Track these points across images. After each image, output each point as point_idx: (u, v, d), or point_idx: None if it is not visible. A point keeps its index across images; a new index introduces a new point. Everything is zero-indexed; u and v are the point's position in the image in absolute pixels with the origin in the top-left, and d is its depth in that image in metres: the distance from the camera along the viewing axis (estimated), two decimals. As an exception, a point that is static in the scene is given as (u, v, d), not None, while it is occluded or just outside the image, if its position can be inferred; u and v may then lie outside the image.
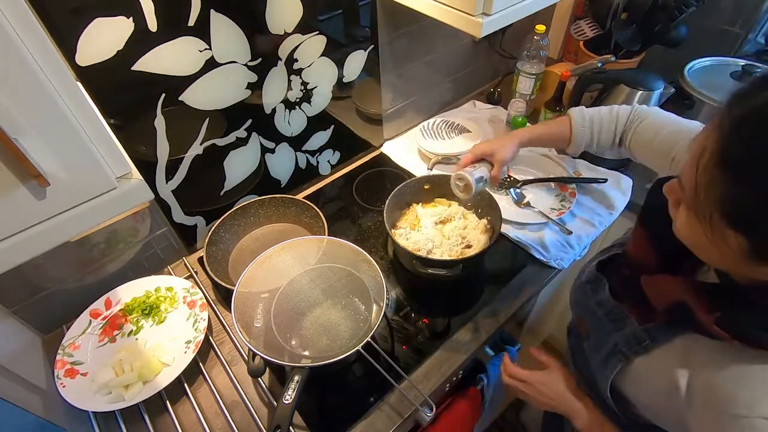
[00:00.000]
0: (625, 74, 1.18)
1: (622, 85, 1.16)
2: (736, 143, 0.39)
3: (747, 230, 0.39)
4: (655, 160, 0.80)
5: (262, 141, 1.03)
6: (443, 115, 1.39)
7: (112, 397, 0.78)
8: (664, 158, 0.76)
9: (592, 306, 0.67)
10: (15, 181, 0.43)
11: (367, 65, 1.11)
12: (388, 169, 1.28)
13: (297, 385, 0.69)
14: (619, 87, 1.17)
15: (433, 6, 0.79)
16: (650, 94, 1.15)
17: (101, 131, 0.47)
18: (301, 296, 0.87)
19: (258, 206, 1.07)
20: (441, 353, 0.88)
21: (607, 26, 1.33)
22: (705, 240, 0.44)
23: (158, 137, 0.85)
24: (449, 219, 1.04)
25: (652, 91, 1.14)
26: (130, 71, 0.74)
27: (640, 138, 0.82)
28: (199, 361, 0.86)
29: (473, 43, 1.37)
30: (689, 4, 1.19)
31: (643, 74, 1.16)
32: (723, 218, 0.40)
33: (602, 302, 0.65)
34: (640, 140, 0.82)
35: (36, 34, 0.39)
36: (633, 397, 0.61)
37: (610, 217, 1.10)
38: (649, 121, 0.81)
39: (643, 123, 0.82)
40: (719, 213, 0.40)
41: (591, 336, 0.67)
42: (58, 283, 0.88)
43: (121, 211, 0.53)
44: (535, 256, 1.02)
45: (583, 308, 0.70)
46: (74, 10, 0.65)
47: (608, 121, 0.86)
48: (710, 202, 0.41)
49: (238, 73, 0.89)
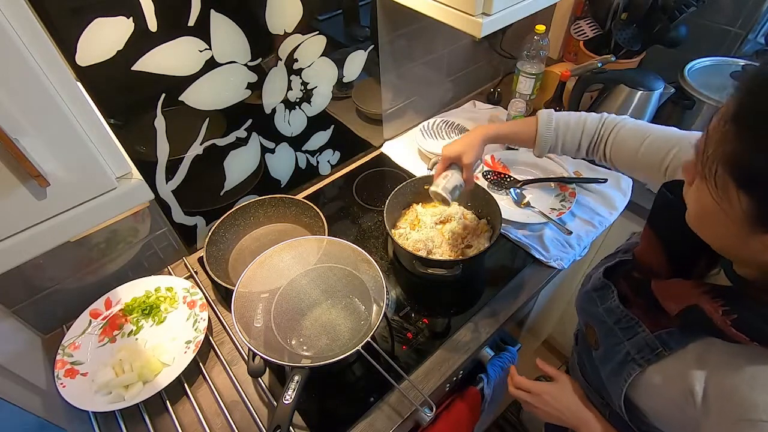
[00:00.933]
0: (625, 74, 1.18)
1: (622, 85, 1.16)
2: (748, 100, 0.40)
3: (751, 188, 0.40)
4: (642, 172, 0.78)
5: (262, 141, 1.03)
6: (443, 115, 1.39)
7: (112, 397, 0.78)
8: (652, 169, 0.74)
9: (601, 314, 0.66)
10: (15, 181, 0.43)
11: (367, 65, 1.11)
12: (388, 169, 1.28)
13: (297, 385, 0.69)
14: (619, 87, 1.17)
15: (433, 6, 0.79)
16: (650, 94, 1.15)
17: (101, 131, 0.47)
18: (301, 296, 0.87)
19: (258, 206, 1.07)
20: (441, 353, 0.88)
21: (607, 26, 1.33)
22: (710, 205, 0.44)
23: (158, 137, 0.85)
24: (449, 219, 1.04)
25: (652, 91, 1.14)
26: (130, 71, 0.74)
27: (622, 150, 0.80)
28: (199, 361, 0.87)
29: (473, 43, 1.37)
30: (689, 4, 1.19)
31: (643, 74, 1.16)
32: (728, 173, 0.41)
33: (611, 310, 0.64)
34: (622, 153, 0.80)
35: (36, 34, 0.39)
36: (646, 407, 0.60)
37: (610, 217, 1.10)
38: (626, 132, 0.79)
39: (620, 134, 0.80)
40: (725, 168, 0.41)
41: (600, 346, 0.66)
42: (58, 283, 0.88)
43: (121, 211, 0.52)
44: (535, 256, 1.02)
45: (591, 316, 0.69)
46: (74, 10, 0.65)
47: (574, 128, 0.85)
48: (717, 157, 0.42)
49: (238, 73, 0.89)
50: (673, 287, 0.55)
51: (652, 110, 1.20)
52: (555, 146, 0.88)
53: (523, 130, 0.90)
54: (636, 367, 0.58)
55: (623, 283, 0.65)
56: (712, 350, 0.51)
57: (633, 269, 0.64)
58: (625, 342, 0.60)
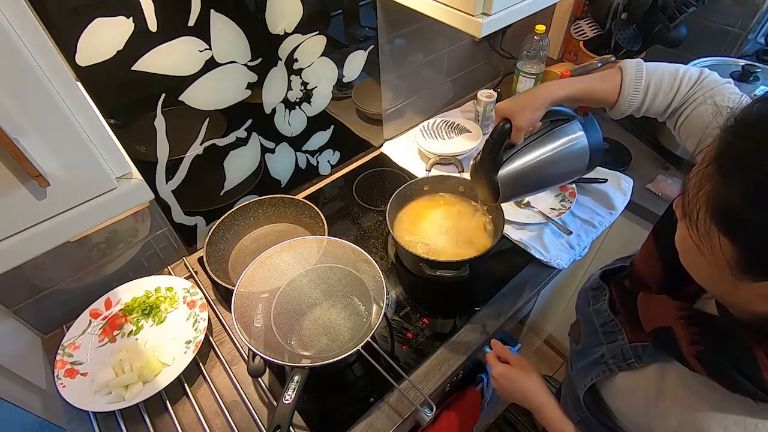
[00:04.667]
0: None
1: (622, 85, 1.16)
2: (734, 141, 0.38)
3: (732, 231, 0.38)
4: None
5: (262, 141, 1.03)
6: (443, 115, 1.39)
7: (112, 397, 0.78)
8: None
9: (590, 313, 0.66)
10: (15, 181, 0.43)
11: (367, 65, 1.11)
12: (388, 169, 1.28)
13: (297, 385, 0.69)
14: (619, 87, 1.17)
15: (433, 6, 0.79)
16: (650, 94, 1.14)
17: (101, 131, 0.47)
18: (301, 296, 0.87)
19: (258, 206, 1.07)
20: (441, 353, 0.88)
21: (607, 26, 1.33)
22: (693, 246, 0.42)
23: (158, 137, 0.85)
24: (451, 219, 1.04)
25: (652, 91, 1.14)
26: (130, 71, 0.74)
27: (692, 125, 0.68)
28: (199, 361, 0.87)
29: (473, 43, 1.37)
30: (689, 4, 1.19)
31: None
32: (711, 218, 0.39)
33: (599, 312, 0.65)
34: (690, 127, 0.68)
35: (36, 34, 0.39)
36: (613, 407, 0.61)
37: (610, 217, 1.10)
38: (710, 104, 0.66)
39: (702, 106, 0.67)
40: (707, 212, 0.39)
41: (581, 342, 0.67)
42: (58, 283, 0.88)
43: (121, 211, 0.52)
44: (535, 256, 1.02)
45: (581, 314, 0.70)
46: (74, 10, 0.65)
47: (667, 87, 0.70)
48: (698, 198, 0.40)
49: (238, 73, 0.89)
50: (655, 305, 0.54)
51: (652, 110, 1.20)
52: (640, 108, 0.73)
53: (600, 87, 0.74)
54: (606, 371, 0.59)
55: (615, 289, 0.65)
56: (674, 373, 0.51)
57: (626, 277, 0.64)
58: (604, 345, 0.61)
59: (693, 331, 0.47)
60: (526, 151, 0.77)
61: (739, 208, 0.37)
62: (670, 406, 0.50)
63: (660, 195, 1.15)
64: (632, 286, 0.61)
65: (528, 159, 0.77)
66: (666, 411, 0.51)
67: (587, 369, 0.63)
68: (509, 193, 0.78)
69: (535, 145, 0.77)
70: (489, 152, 0.76)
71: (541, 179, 0.80)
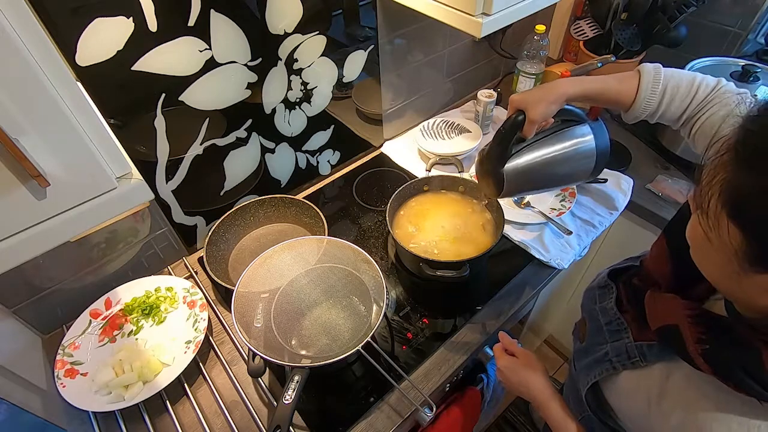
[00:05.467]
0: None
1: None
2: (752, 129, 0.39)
3: (742, 221, 0.38)
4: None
5: (262, 141, 1.03)
6: (443, 115, 1.39)
7: (112, 397, 0.78)
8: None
9: (596, 312, 0.66)
10: (15, 181, 0.43)
11: (367, 65, 1.11)
12: (388, 169, 1.28)
13: (297, 385, 0.69)
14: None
15: (433, 6, 0.79)
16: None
17: (101, 131, 0.47)
18: (301, 296, 0.87)
19: (258, 206, 1.07)
20: (441, 353, 0.88)
21: (607, 26, 1.33)
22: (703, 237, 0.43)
23: (158, 137, 0.85)
24: (451, 219, 1.04)
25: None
26: (130, 71, 0.74)
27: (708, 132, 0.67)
28: (199, 361, 0.87)
29: (473, 43, 1.37)
30: (689, 4, 1.19)
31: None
32: (722, 204, 0.39)
33: (605, 310, 0.65)
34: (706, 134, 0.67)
35: (36, 34, 0.39)
36: (615, 405, 0.61)
37: (610, 217, 1.10)
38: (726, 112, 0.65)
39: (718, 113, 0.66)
40: (718, 198, 0.40)
41: (585, 340, 0.67)
42: (58, 283, 0.88)
43: (121, 211, 0.53)
44: (535, 256, 1.02)
45: (588, 312, 0.70)
46: (74, 10, 0.65)
47: (684, 93, 0.70)
48: (711, 186, 0.40)
49: (238, 73, 0.89)
50: (662, 303, 0.54)
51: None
52: (655, 112, 0.72)
53: (617, 88, 0.73)
54: (610, 369, 0.59)
55: (623, 288, 0.65)
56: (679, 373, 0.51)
57: (635, 275, 0.64)
58: (609, 343, 0.61)
59: (700, 330, 0.47)
60: (535, 147, 0.77)
61: (752, 197, 0.37)
62: (673, 406, 0.50)
63: (660, 195, 1.15)
64: (641, 284, 0.61)
65: (536, 155, 0.77)
66: (667, 411, 0.51)
67: (591, 367, 0.63)
68: (513, 188, 0.78)
69: (544, 143, 0.77)
70: (499, 143, 0.76)
71: (546, 178, 0.80)
